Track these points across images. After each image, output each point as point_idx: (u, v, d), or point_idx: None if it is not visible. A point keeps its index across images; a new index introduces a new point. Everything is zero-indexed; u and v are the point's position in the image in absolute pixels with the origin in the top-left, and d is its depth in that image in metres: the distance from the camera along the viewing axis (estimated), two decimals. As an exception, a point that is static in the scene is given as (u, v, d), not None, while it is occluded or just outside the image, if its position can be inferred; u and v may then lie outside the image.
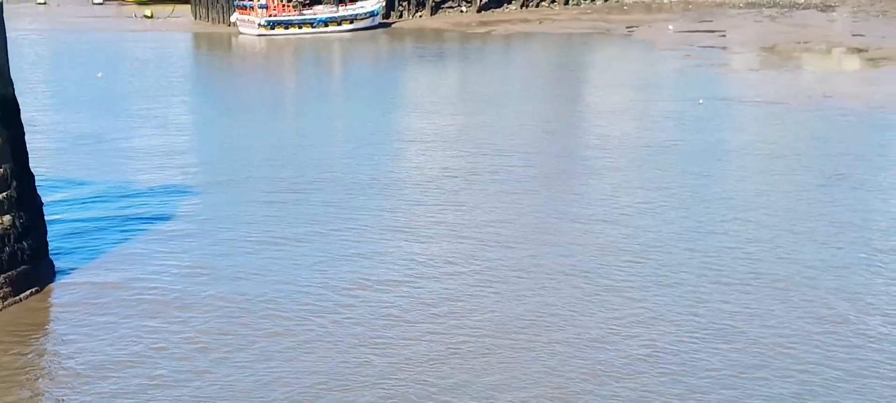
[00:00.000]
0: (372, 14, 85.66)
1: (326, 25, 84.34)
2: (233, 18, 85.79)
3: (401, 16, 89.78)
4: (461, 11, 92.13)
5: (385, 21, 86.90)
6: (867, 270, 29.86)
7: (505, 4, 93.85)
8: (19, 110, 29.57)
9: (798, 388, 22.84)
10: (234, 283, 29.82)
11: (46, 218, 30.54)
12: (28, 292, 28.14)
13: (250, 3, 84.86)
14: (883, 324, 26.16)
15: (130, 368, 24.59)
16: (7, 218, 27.78)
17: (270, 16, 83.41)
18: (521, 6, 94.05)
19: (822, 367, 23.82)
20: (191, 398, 23.29)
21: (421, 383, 23.60)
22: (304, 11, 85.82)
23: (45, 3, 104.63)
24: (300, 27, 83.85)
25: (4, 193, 27.86)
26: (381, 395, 23.20)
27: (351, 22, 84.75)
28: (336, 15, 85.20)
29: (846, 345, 24.93)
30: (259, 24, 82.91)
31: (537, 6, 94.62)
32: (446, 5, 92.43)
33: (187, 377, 24.26)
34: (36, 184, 30.11)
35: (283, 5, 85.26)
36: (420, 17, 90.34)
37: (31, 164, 29.93)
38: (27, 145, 29.91)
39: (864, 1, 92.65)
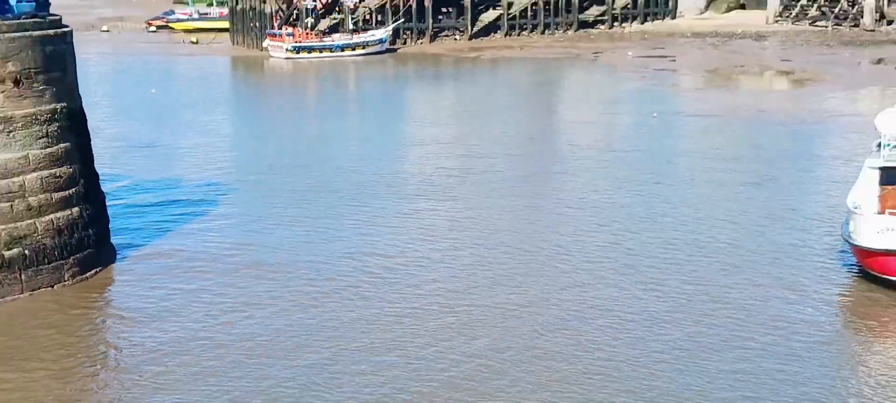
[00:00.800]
0: (381, 41, 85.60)
1: (343, 50, 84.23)
2: (265, 44, 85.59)
3: (405, 42, 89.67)
4: (455, 39, 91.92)
5: (392, 47, 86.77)
6: (796, 252, 29.90)
7: (492, 33, 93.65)
8: (86, 120, 29.57)
9: (727, 334, 23.08)
10: (267, 254, 30.22)
11: (109, 206, 30.51)
12: (92, 271, 28.07)
13: (279, 31, 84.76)
14: (803, 296, 26.30)
15: (179, 319, 25.14)
16: (76, 209, 27.73)
17: (296, 42, 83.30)
18: (505, 35, 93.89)
19: (751, 324, 24.03)
20: (231, 340, 23.90)
21: (420, 333, 24.09)
22: (324, 39, 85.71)
23: (108, 31, 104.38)
24: (321, 52, 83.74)
25: (73, 189, 27.82)
26: (390, 340, 23.84)
27: (363, 47, 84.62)
28: (351, 42, 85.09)
29: (779, 311, 25.08)
30: (286, 49, 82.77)
31: (518, 35, 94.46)
32: (443, 34, 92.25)
33: (227, 324, 24.90)
34: (100, 181, 30.06)
35: (307, 34, 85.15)
36: (421, 43, 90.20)
37: (95, 164, 29.93)
38: (93, 149, 29.93)
39: (790, 32, 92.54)
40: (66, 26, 28.66)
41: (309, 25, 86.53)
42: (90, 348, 23.96)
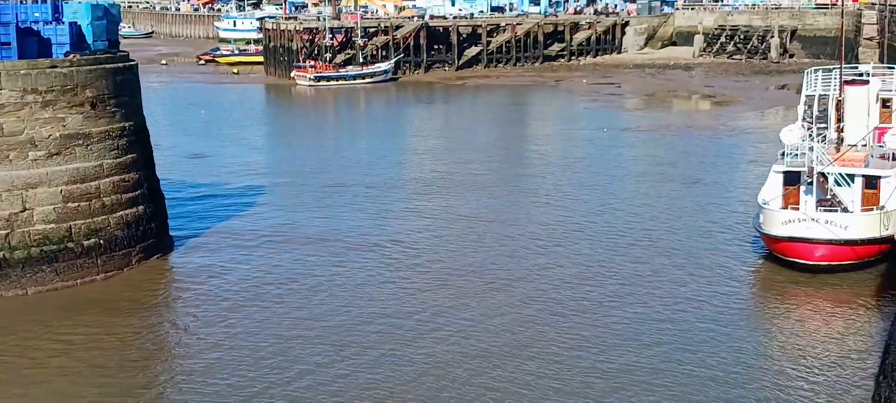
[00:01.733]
0: (385, 72, 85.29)
1: (355, 79, 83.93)
2: (292, 74, 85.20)
3: (404, 73, 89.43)
4: (445, 70, 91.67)
5: (394, 76, 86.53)
6: (719, 238, 30.05)
7: (474, 65, 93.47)
8: (149, 134, 29.46)
9: (665, 297, 23.17)
10: (295, 236, 30.53)
11: (167, 203, 30.43)
12: (155, 257, 27.98)
13: (304, 64, 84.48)
14: (724, 271, 26.40)
15: (229, 286, 25.50)
16: (141, 207, 27.69)
17: (317, 73, 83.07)
18: (485, 66, 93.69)
19: (683, 292, 24.13)
20: (268, 295, 24.75)
21: (419, 299, 24.15)
22: (340, 70, 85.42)
23: (166, 64, 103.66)
24: (337, 80, 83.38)
25: (139, 191, 27.74)
26: (397, 290, 24.76)
27: (371, 77, 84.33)
28: (361, 72, 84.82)
29: (705, 282, 25.18)
30: (310, 79, 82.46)
31: (495, 66, 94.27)
32: (435, 66, 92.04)
33: (268, 283, 25.72)
34: (160, 183, 29.94)
35: (326, 66, 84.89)
36: (417, 73, 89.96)
37: (156, 170, 29.83)
38: (154, 158, 29.83)
39: (713, 63, 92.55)
40: (133, 60, 28.61)
41: (327, 59, 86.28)
42: (162, 309, 24.55)
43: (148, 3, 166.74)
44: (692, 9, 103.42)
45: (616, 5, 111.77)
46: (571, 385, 19.35)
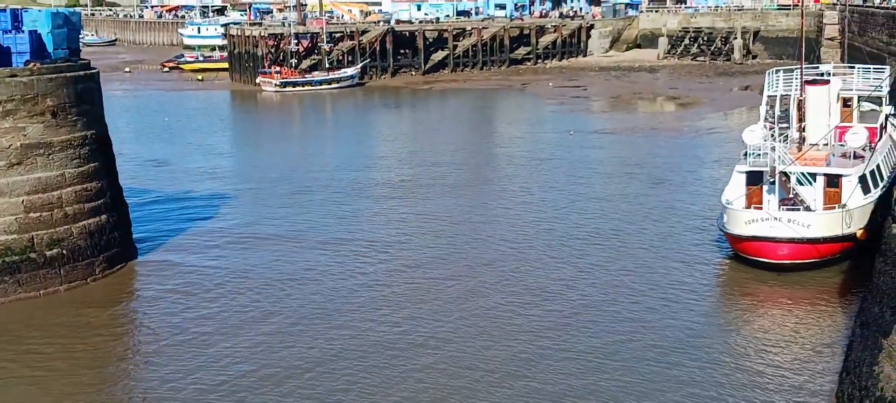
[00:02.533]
0: (352, 77, 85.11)
1: (321, 85, 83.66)
2: (257, 80, 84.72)
3: (371, 77, 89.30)
4: (412, 74, 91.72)
5: (360, 81, 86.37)
6: (687, 233, 30.37)
7: (441, 70, 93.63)
8: (111, 143, 29.14)
9: (635, 293, 23.38)
10: (262, 235, 30.78)
11: (131, 212, 30.09)
12: (119, 266, 27.67)
13: (269, 70, 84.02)
14: (690, 270, 26.65)
15: (190, 292, 25.01)
16: (104, 216, 27.38)
17: (283, 78, 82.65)
18: (452, 71, 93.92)
19: (652, 290, 24.33)
20: (237, 294, 24.93)
21: (384, 285, 24.23)
22: (306, 75, 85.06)
23: (129, 72, 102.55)
24: (303, 86, 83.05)
25: (102, 200, 27.44)
26: (367, 283, 25.12)
27: (338, 82, 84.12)
28: (327, 77, 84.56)
29: (672, 280, 25.41)
30: (275, 84, 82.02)
31: (462, 70, 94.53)
32: (401, 70, 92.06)
33: (231, 284, 25.81)
34: (123, 192, 29.61)
35: (292, 72, 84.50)
36: (384, 78, 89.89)
37: (119, 179, 29.50)
38: (117, 166, 29.53)
39: (676, 66, 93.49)
40: (94, 68, 28.33)
41: (293, 65, 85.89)
42: (126, 318, 24.39)
43: (111, 10, 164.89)
44: (656, 11, 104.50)
45: (581, 8, 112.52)
46: (537, 373, 19.84)
